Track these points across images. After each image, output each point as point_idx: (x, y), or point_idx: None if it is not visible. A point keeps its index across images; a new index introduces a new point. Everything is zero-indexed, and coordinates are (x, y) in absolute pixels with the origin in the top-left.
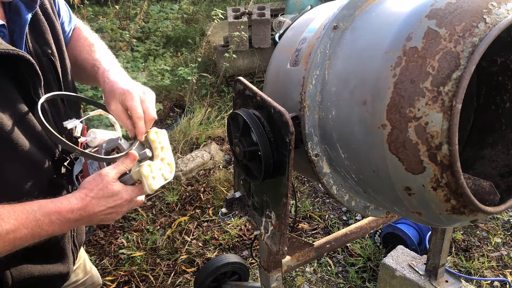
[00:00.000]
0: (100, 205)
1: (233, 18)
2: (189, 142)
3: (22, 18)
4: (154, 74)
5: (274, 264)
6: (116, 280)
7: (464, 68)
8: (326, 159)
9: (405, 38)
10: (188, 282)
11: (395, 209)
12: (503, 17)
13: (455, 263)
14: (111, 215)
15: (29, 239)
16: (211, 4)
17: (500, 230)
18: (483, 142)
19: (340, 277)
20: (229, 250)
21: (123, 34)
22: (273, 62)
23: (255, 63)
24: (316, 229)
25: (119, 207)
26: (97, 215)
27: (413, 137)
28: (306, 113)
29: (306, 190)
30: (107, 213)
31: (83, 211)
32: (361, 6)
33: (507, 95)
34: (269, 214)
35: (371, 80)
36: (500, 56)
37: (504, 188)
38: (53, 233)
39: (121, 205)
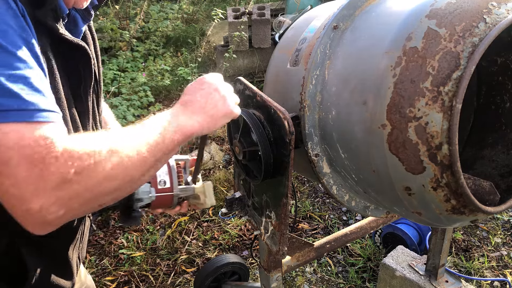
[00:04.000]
0: (197, 89)
1: (233, 18)
2: (189, 142)
3: (79, 29)
4: (154, 74)
5: (274, 264)
6: (116, 280)
7: (464, 68)
8: (326, 159)
9: (405, 38)
10: (188, 282)
11: (395, 209)
12: (503, 17)
13: (455, 263)
14: (213, 95)
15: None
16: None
17: (500, 230)
18: (483, 142)
19: (340, 277)
20: (229, 250)
21: (123, 34)
22: (273, 62)
23: (255, 63)
24: (316, 229)
25: (215, 90)
26: (200, 101)
27: (413, 137)
28: (306, 113)
29: (306, 190)
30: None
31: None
32: (361, 6)
33: (507, 95)
34: (269, 214)
35: (371, 80)
36: (500, 56)
37: (504, 188)
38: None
39: (216, 89)
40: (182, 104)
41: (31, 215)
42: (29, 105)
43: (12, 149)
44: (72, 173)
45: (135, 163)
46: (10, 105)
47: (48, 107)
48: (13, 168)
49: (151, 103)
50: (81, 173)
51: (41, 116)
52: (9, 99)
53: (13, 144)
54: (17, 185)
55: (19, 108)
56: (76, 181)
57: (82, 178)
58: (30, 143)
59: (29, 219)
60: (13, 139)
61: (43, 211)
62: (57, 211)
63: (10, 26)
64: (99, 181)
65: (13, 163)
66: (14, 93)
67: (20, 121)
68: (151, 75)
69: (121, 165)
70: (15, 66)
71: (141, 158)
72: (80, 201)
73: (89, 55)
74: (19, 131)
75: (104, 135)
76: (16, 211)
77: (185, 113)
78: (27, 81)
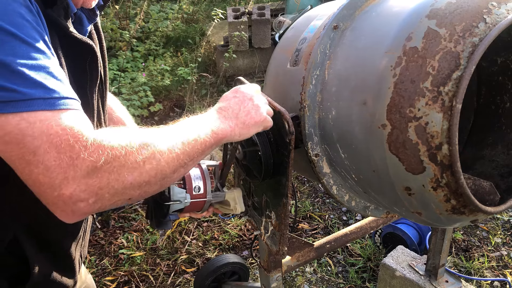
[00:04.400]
0: (231, 97)
1: (233, 18)
2: None
3: (84, 28)
4: (154, 74)
5: (274, 264)
6: (116, 280)
7: (464, 68)
8: (326, 159)
9: (405, 38)
10: (188, 282)
11: (395, 209)
12: (503, 17)
13: (455, 263)
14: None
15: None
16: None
17: (500, 230)
18: (483, 142)
19: (340, 277)
20: (229, 250)
21: (123, 34)
22: (273, 62)
23: (255, 63)
24: (316, 229)
25: (249, 99)
26: (234, 107)
27: (413, 137)
28: (306, 113)
29: (306, 190)
30: (241, 101)
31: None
32: (361, 6)
33: (507, 95)
34: (269, 214)
35: (371, 80)
36: (500, 56)
37: (504, 188)
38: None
39: (251, 98)
40: (216, 109)
41: (63, 201)
42: (53, 93)
43: (39, 138)
44: (102, 162)
45: (166, 159)
46: (35, 94)
47: (69, 94)
48: (42, 157)
49: (151, 103)
50: (112, 162)
51: (64, 104)
52: (33, 88)
53: (39, 133)
54: (46, 173)
55: (43, 96)
56: (106, 169)
57: (113, 168)
58: (58, 131)
59: (60, 206)
60: (40, 128)
61: (74, 198)
62: (88, 199)
63: (27, 20)
64: (130, 171)
65: (41, 151)
66: (38, 82)
67: (45, 109)
68: (151, 75)
69: (152, 159)
70: (35, 56)
71: (173, 155)
72: (111, 191)
73: (96, 53)
74: (45, 119)
75: (137, 130)
76: (46, 197)
77: (218, 117)
78: (48, 71)
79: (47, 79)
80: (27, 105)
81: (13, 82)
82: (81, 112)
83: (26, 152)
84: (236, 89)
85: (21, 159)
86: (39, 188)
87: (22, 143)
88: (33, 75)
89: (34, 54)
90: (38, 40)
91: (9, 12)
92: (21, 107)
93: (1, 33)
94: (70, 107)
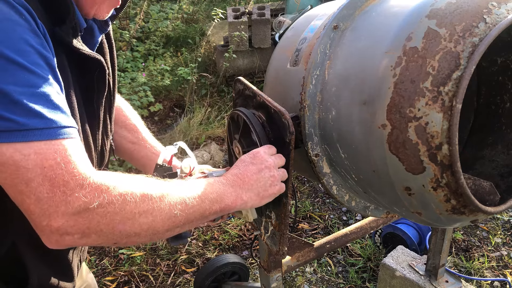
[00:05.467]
0: (249, 163)
1: (233, 18)
2: (189, 142)
3: (95, 39)
4: (154, 74)
5: (274, 264)
6: (116, 280)
7: (464, 68)
8: (326, 159)
9: (405, 38)
10: (188, 282)
11: (395, 209)
12: (503, 17)
13: (455, 263)
14: (264, 173)
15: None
16: (211, 4)
17: (500, 230)
18: (483, 142)
19: (340, 277)
20: (229, 250)
21: (123, 34)
22: (273, 62)
23: (255, 63)
24: (316, 229)
25: (266, 168)
26: (251, 177)
27: (413, 137)
28: (306, 113)
29: (306, 190)
30: (258, 170)
31: (238, 171)
32: (361, 6)
33: (507, 95)
34: (269, 214)
35: (371, 80)
36: (500, 56)
37: (504, 188)
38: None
39: (268, 167)
40: (234, 175)
41: (49, 231)
42: (50, 123)
43: (33, 171)
44: (96, 204)
45: (163, 218)
46: (31, 124)
47: (67, 122)
48: (34, 188)
49: (151, 103)
50: (106, 207)
51: (61, 134)
52: (30, 118)
53: (34, 165)
54: (38, 204)
55: (40, 127)
56: (98, 212)
57: (106, 213)
58: (52, 164)
59: (46, 234)
60: (34, 160)
61: (61, 231)
62: (74, 234)
63: (31, 45)
64: (122, 220)
65: (34, 184)
66: (36, 112)
67: (41, 139)
68: (151, 75)
69: (149, 215)
70: (36, 84)
71: (171, 216)
72: (98, 233)
73: (104, 66)
74: (40, 152)
75: (143, 180)
76: (35, 223)
77: (233, 185)
78: (48, 98)
79: (46, 108)
80: (23, 135)
81: (11, 112)
82: (78, 142)
83: (19, 183)
84: (254, 154)
85: (13, 187)
86: (29, 215)
87: (15, 174)
88: (32, 104)
89: (36, 81)
90: (42, 66)
91: (14, 38)
92: (16, 137)
93: (5, 61)
94: (68, 136)
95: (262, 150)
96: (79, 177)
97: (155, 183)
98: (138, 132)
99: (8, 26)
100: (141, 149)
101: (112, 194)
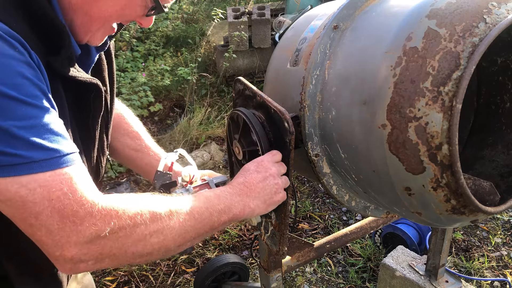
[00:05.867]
0: (253, 171)
1: (233, 18)
2: (189, 142)
3: (91, 58)
4: (154, 74)
5: (274, 264)
6: (116, 280)
7: (464, 68)
8: (326, 159)
9: (405, 38)
10: (188, 282)
11: (395, 209)
12: (503, 17)
13: (455, 263)
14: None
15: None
16: (211, 4)
17: (500, 230)
18: (483, 142)
19: (340, 277)
20: (229, 250)
21: (123, 34)
22: (273, 62)
23: (255, 63)
24: (316, 229)
25: (271, 176)
26: (257, 185)
27: (413, 137)
28: (306, 113)
29: (306, 190)
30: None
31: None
32: (361, 6)
33: (507, 95)
34: (269, 214)
35: (371, 80)
36: (500, 56)
37: (504, 188)
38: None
39: (273, 175)
40: (240, 183)
41: (63, 260)
42: (52, 153)
43: (40, 204)
44: (107, 231)
45: (174, 236)
46: (34, 157)
47: (69, 149)
48: (44, 221)
49: (151, 103)
50: (117, 232)
51: (64, 162)
52: (32, 151)
53: (41, 199)
54: (49, 235)
55: (43, 158)
56: (110, 238)
57: (118, 237)
58: (59, 196)
59: (60, 262)
60: (41, 194)
61: (75, 259)
62: (88, 261)
63: (26, 77)
64: (134, 243)
65: (43, 217)
66: (37, 144)
67: (45, 170)
68: (151, 75)
69: (160, 234)
70: (34, 115)
71: (182, 232)
72: (112, 257)
73: (100, 88)
74: (45, 184)
75: (151, 198)
76: (48, 253)
77: (240, 194)
78: (48, 128)
79: (47, 139)
80: (26, 168)
81: (12, 147)
82: (81, 166)
83: (28, 217)
84: (259, 162)
85: (23, 221)
86: (41, 245)
87: (23, 208)
88: (33, 137)
89: (34, 113)
90: (38, 96)
91: (8, 73)
92: (20, 171)
93: (1, 98)
94: (71, 163)
95: (266, 159)
96: (87, 205)
97: (163, 201)
98: (141, 139)
99: (2, 61)
100: (144, 157)
101: (122, 218)
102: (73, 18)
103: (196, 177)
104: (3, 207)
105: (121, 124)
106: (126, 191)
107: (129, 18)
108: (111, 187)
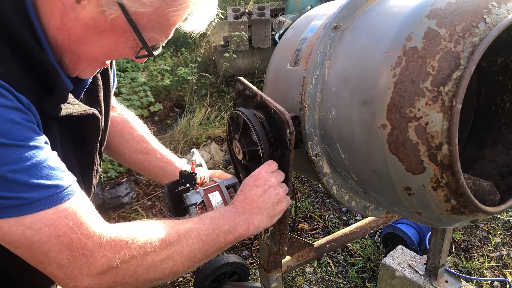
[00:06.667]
0: (253, 186)
1: (233, 18)
2: (189, 142)
3: (84, 82)
4: (154, 74)
5: (274, 264)
6: None
7: (464, 68)
8: (326, 159)
9: (405, 38)
10: (188, 282)
11: (395, 209)
12: (503, 17)
13: (455, 263)
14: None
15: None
16: None
17: (500, 230)
18: (483, 142)
19: (340, 277)
20: (229, 250)
21: None
22: (273, 62)
23: (255, 63)
24: (316, 229)
25: (271, 187)
26: (258, 200)
27: (413, 137)
28: (306, 113)
29: (306, 190)
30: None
31: (243, 197)
32: (361, 6)
33: (507, 95)
34: None
35: (371, 80)
36: (500, 56)
37: (504, 188)
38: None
39: (272, 185)
40: (241, 201)
41: None
42: (52, 189)
43: (48, 243)
44: (119, 262)
45: (183, 260)
46: (34, 197)
47: (68, 181)
48: (54, 257)
49: (151, 103)
50: (128, 261)
51: (65, 195)
52: (32, 192)
53: (47, 237)
54: (61, 270)
55: (43, 196)
56: (122, 268)
57: (129, 267)
58: (66, 231)
59: None
60: (46, 233)
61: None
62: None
63: (16, 122)
64: (145, 271)
65: (52, 254)
66: (35, 184)
67: (47, 207)
68: (151, 75)
69: (170, 260)
70: (29, 157)
71: (190, 255)
72: (124, 285)
73: (97, 116)
74: (50, 223)
75: (156, 224)
76: (62, 285)
77: (243, 212)
78: (44, 165)
79: (45, 176)
80: (29, 208)
81: (11, 191)
82: (82, 196)
83: (37, 255)
84: (256, 176)
85: (32, 259)
86: (54, 278)
87: (31, 248)
88: (30, 178)
89: (28, 154)
90: (30, 137)
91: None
92: (22, 211)
93: None
94: (72, 195)
95: (263, 170)
96: (95, 237)
97: (170, 226)
98: (147, 142)
99: None
100: (152, 159)
101: (132, 248)
102: (62, 57)
103: (206, 178)
104: (11, 248)
105: (126, 129)
106: (126, 191)
107: (119, 58)
108: (111, 187)
